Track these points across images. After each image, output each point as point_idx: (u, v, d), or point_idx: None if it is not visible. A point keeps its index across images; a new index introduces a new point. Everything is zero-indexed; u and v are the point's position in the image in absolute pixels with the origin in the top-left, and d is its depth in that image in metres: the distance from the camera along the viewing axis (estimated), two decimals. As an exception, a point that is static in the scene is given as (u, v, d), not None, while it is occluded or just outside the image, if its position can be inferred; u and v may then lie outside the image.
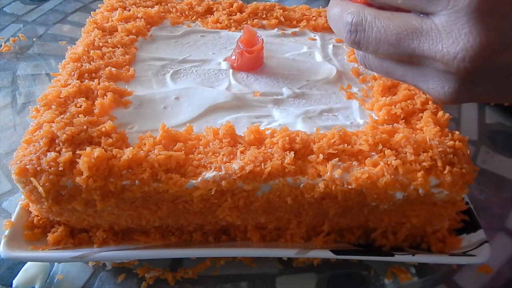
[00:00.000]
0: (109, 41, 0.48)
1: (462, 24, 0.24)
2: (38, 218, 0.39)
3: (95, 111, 0.39)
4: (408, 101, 0.41)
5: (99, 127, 0.36)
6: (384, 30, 0.27)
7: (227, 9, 0.56)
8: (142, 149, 0.35)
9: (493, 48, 0.24)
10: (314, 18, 0.57)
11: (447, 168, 0.34)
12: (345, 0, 0.30)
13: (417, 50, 0.26)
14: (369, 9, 0.28)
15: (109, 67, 0.44)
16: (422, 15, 0.26)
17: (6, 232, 0.37)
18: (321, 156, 0.35)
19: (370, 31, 0.28)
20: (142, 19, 0.53)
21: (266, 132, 0.37)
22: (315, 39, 0.54)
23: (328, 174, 0.34)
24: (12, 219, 0.38)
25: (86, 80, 0.42)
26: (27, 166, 0.33)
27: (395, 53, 0.27)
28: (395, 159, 0.35)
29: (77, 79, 0.41)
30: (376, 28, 0.28)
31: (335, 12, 0.30)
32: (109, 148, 0.35)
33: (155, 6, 0.56)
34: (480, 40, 0.24)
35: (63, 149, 0.34)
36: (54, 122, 0.36)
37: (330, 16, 0.31)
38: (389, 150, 0.36)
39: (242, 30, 0.48)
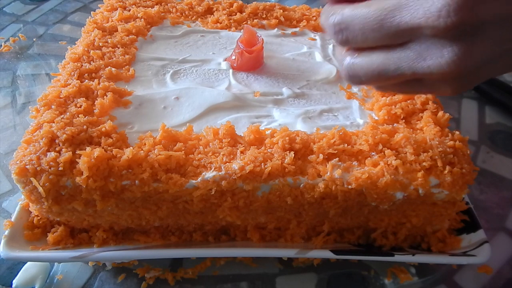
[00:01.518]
0: (109, 41, 0.48)
1: None
2: (38, 218, 0.39)
3: (95, 111, 0.39)
4: (408, 101, 0.41)
5: (99, 127, 0.36)
6: (364, 18, 0.27)
7: (227, 9, 0.56)
8: (142, 149, 0.35)
9: (472, 1, 0.24)
10: (314, 18, 0.57)
11: (447, 168, 0.34)
12: (329, 5, 0.30)
13: (402, 25, 0.26)
14: (348, 6, 0.28)
15: (109, 67, 0.44)
16: None
17: (6, 232, 0.37)
18: (321, 156, 0.35)
19: (353, 24, 0.28)
20: (142, 19, 0.53)
21: (266, 132, 0.37)
22: (315, 39, 0.54)
23: (328, 174, 0.34)
24: (12, 219, 0.38)
25: (86, 80, 0.42)
26: (27, 166, 0.33)
27: (382, 36, 0.27)
28: (395, 159, 0.35)
29: (77, 79, 0.41)
30: (357, 19, 0.28)
31: (322, 20, 0.30)
32: (109, 148, 0.35)
33: (155, 6, 0.56)
34: None
35: (63, 149, 0.34)
36: (54, 122, 0.36)
37: (322, 25, 0.31)
38: (389, 150, 0.36)
39: (242, 30, 0.48)
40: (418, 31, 0.26)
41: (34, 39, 0.72)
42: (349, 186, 0.34)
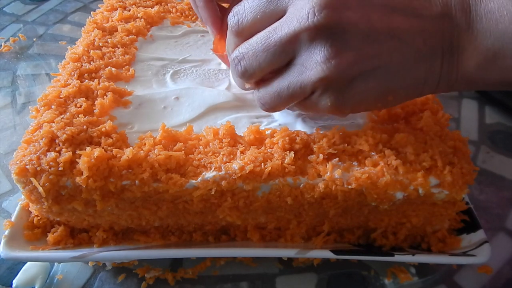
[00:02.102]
0: (109, 41, 0.48)
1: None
2: (38, 218, 0.39)
3: (95, 111, 0.39)
4: (408, 101, 0.41)
5: (99, 127, 0.36)
6: (255, 44, 0.31)
7: (227, 9, 0.56)
8: (142, 149, 0.35)
9: (333, 4, 0.28)
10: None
11: (447, 168, 0.34)
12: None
13: (283, 37, 0.30)
14: (241, 43, 0.33)
15: (109, 67, 0.44)
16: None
17: (6, 232, 0.37)
18: (321, 156, 0.35)
19: (246, 53, 0.32)
20: (142, 19, 0.53)
21: (266, 132, 0.37)
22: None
23: (328, 174, 0.34)
24: (12, 219, 0.38)
25: (86, 80, 0.42)
26: (27, 166, 0.33)
27: (272, 56, 0.31)
28: (395, 159, 0.35)
29: (77, 79, 0.41)
30: (248, 47, 0.32)
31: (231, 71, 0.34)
32: (109, 148, 0.35)
33: (155, 6, 0.56)
34: None
35: (63, 149, 0.34)
36: (54, 122, 0.36)
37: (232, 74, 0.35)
38: (389, 150, 0.36)
39: None
40: (297, 40, 0.29)
41: (34, 39, 0.72)
42: (349, 186, 0.34)
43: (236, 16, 0.32)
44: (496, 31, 0.29)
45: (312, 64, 0.29)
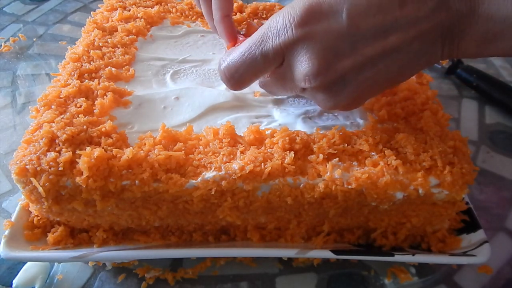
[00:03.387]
0: (109, 41, 0.48)
1: (298, 60, 0.32)
2: (38, 218, 0.39)
3: (95, 111, 0.39)
4: (408, 101, 0.41)
5: (99, 127, 0.36)
6: (276, 89, 0.38)
7: (227, 9, 0.56)
8: (142, 149, 0.35)
9: (326, 66, 0.31)
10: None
11: (447, 168, 0.34)
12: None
13: (294, 87, 0.35)
14: (264, 77, 0.38)
15: (109, 67, 0.44)
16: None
17: (6, 232, 0.37)
18: (321, 156, 0.35)
19: (270, 90, 0.39)
20: (142, 19, 0.53)
21: (266, 132, 0.37)
22: (315, 39, 0.53)
23: (328, 174, 0.34)
24: (12, 219, 0.38)
25: (86, 80, 0.42)
26: (27, 166, 0.33)
27: (289, 92, 0.37)
28: (395, 159, 0.35)
29: (77, 79, 0.41)
30: (268, 88, 0.39)
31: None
32: (109, 148, 0.35)
33: (155, 6, 0.56)
34: (312, 63, 0.31)
35: (63, 149, 0.34)
36: (54, 122, 0.36)
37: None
38: (389, 150, 0.36)
39: (243, 29, 0.48)
40: (304, 90, 0.34)
41: (34, 39, 0.72)
42: (349, 186, 0.34)
43: (232, 80, 0.36)
44: (497, 16, 0.29)
45: (316, 101, 0.35)
